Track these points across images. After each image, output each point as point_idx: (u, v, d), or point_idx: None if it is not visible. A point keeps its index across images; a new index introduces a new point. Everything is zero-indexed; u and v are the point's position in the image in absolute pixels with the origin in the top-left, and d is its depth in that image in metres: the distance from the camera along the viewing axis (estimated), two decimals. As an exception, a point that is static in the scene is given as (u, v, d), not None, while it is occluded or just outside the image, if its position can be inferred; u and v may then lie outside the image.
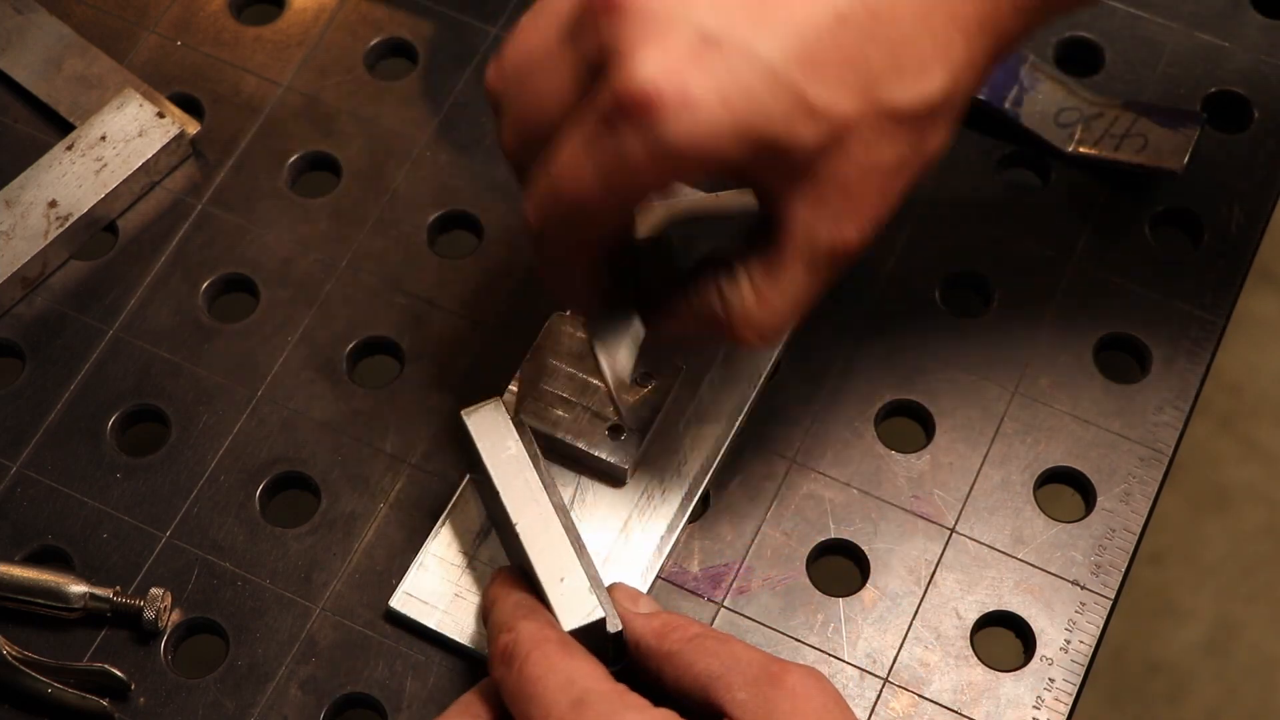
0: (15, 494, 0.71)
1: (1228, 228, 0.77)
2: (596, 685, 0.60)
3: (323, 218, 0.77)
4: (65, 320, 0.75)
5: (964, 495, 0.71)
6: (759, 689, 0.60)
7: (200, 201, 0.78)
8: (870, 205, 0.61)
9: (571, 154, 0.58)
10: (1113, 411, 0.73)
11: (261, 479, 0.72)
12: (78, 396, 0.73)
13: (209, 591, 0.70)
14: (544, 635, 0.61)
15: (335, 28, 0.82)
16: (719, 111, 0.56)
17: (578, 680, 0.60)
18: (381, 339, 0.75)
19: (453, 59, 0.81)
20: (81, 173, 0.76)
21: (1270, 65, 0.80)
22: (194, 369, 0.74)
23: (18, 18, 0.81)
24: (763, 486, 0.71)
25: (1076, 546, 0.70)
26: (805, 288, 0.62)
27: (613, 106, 0.57)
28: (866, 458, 0.72)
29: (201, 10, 0.82)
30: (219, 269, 0.76)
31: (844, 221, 0.61)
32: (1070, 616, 0.69)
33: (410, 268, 0.76)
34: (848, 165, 0.59)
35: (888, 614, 0.69)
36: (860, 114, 0.58)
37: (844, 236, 0.61)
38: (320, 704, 0.68)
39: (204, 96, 0.80)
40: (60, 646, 0.68)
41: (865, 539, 0.71)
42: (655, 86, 0.56)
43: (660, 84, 0.56)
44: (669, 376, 0.71)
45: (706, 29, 0.56)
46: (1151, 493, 0.71)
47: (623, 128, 0.57)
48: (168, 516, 0.71)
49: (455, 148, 0.79)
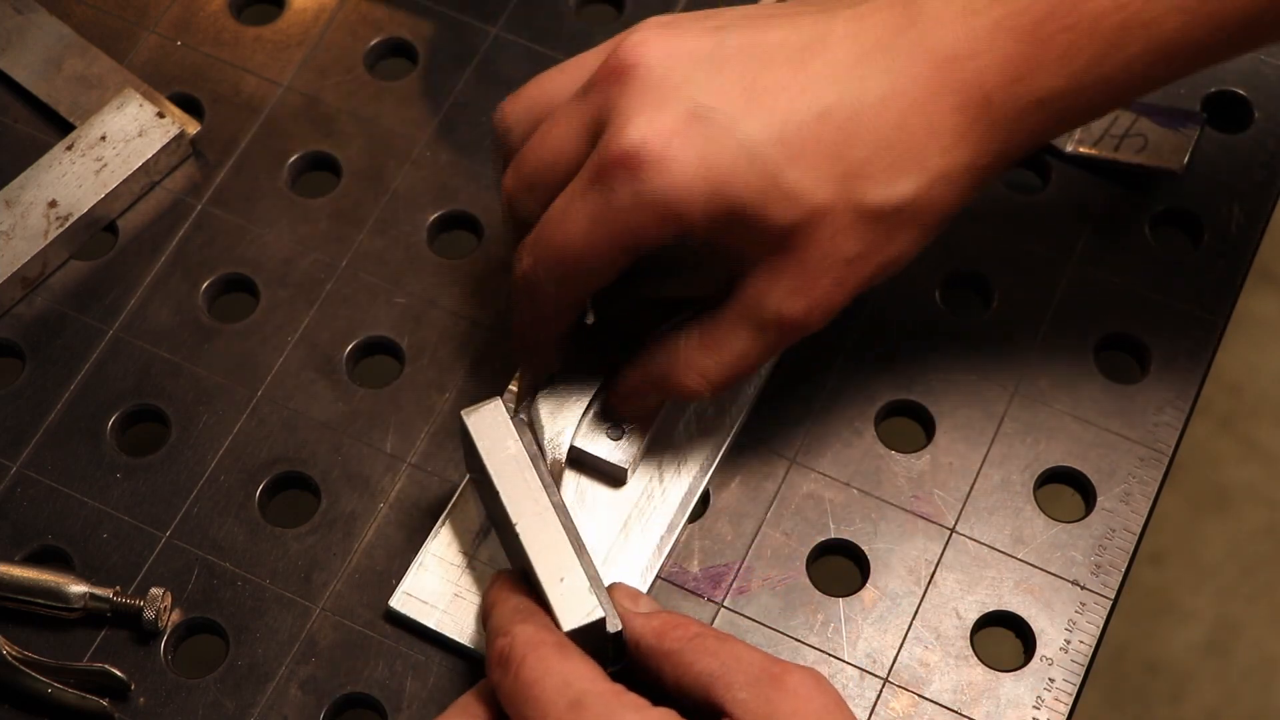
0: (15, 494, 0.72)
1: (1228, 228, 0.77)
2: (593, 686, 0.60)
3: (323, 218, 0.77)
4: (65, 320, 0.75)
5: (964, 495, 0.71)
6: (760, 689, 0.60)
7: (200, 201, 0.78)
8: (823, 289, 0.65)
9: (565, 202, 0.64)
10: (1113, 411, 0.73)
11: (261, 479, 0.72)
12: (78, 396, 0.74)
13: (209, 591, 0.70)
14: (540, 638, 0.61)
15: (335, 28, 0.82)
16: (697, 175, 0.62)
17: (574, 682, 0.60)
18: (381, 339, 0.75)
19: (453, 59, 0.81)
20: (81, 173, 0.76)
21: (1270, 65, 0.80)
22: (194, 369, 0.74)
23: (18, 18, 0.81)
24: (763, 486, 0.71)
25: (1076, 546, 0.70)
26: (747, 348, 0.66)
27: (604, 161, 0.63)
28: (866, 458, 0.72)
29: (201, 10, 0.82)
30: (219, 269, 0.76)
31: (795, 297, 0.65)
32: (1070, 616, 0.69)
33: (410, 268, 0.76)
34: (810, 248, 0.64)
35: (888, 614, 0.69)
36: (830, 203, 0.63)
37: (791, 310, 0.65)
38: (320, 704, 0.68)
39: (204, 96, 0.80)
40: (60, 646, 0.68)
41: (865, 539, 0.71)
42: (644, 144, 0.62)
43: (648, 143, 0.62)
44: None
45: (699, 104, 0.62)
46: (1151, 493, 0.71)
47: (610, 179, 0.63)
48: (168, 516, 0.71)
49: (455, 148, 0.79)
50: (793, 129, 0.63)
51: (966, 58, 0.63)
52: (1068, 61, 0.63)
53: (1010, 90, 0.63)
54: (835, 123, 0.63)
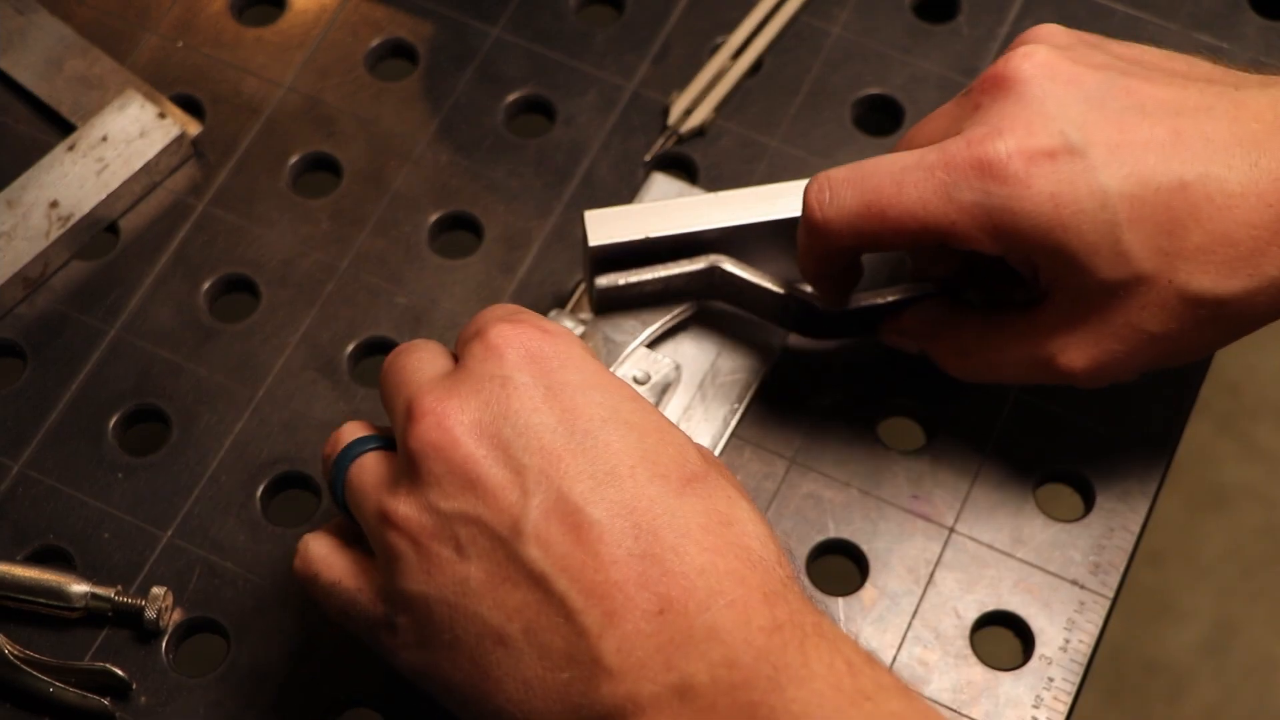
0: (17, 494, 0.72)
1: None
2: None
3: (323, 218, 0.78)
4: (67, 320, 0.75)
5: (963, 495, 0.71)
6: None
7: (201, 202, 0.78)
8: (1111, 354, 0.65)
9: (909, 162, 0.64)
10: (1113, 411, 0.73)
11: (262, 479, 0.72)
12: (79, 396, 0.74)
13: (210, 591, 0.70)
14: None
15: (336, 29, 0.82)
16: (1045, 207, 0.62)
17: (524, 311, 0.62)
18: (382, 339, 0.75)
19: (453, 59, 0.81)
20: (83, 173, 0.77)
21: (1270, 66, 0.80)
22: (195, 369, 0.74)
23: (19, 19, 0.81)
24: (762, 486, 0.72)
25: (1076, 546, 0.70)
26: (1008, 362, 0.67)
27: (965, 156, 0.63)
28: (866, 458, 0.72)
29: (202, 11, 0.82)
30: (220, 269, 0.77)
31: (1079, 350, 0.65)
32: (1069, 616, 0.69)
33: (410, 268, 0.76)
34: (1117, 311, 0.64)
35: (887, 613, 0.69)
36: (1155, 275, 0.63)
37: (1068, 361, 0.66)
38: (320, 703, 0.68)
39: (205, 97, 0.80)
40: (62, 646, 0.69)
41: (865, 538, 0.71)
42: (1009, 160, 0.63)
43: (1013, 160, 0.63)
44: (664, 377, 0.71)
45: (1068, 138, 0.62)
46: (1151, 492, 0.72)
47: (962, 175, 0.63)
48: (169, 516, 0.71)
49: (455, 148, 0.79)
50: (1149, 192, 0.62)
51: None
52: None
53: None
54: (1189, 199, 0.62)
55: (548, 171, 0.78)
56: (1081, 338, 0.65)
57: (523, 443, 0.57)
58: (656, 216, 0.70)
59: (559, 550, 0.56)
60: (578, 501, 0.56)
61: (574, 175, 0.78)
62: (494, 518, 0.57)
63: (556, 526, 0.56)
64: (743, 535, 0.57)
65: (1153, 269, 0.62)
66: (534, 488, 0.57)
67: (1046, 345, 0.66)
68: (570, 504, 0.56)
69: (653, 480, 0.57)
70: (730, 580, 0.55)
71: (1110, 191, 0.62)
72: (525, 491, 0.57)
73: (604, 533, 0.56)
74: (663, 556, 0.55)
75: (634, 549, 0.56)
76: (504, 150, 0.79)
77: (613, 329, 0.71)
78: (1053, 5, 0.82)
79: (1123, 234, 0.62)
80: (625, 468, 0.57)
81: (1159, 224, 0.62)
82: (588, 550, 0.56)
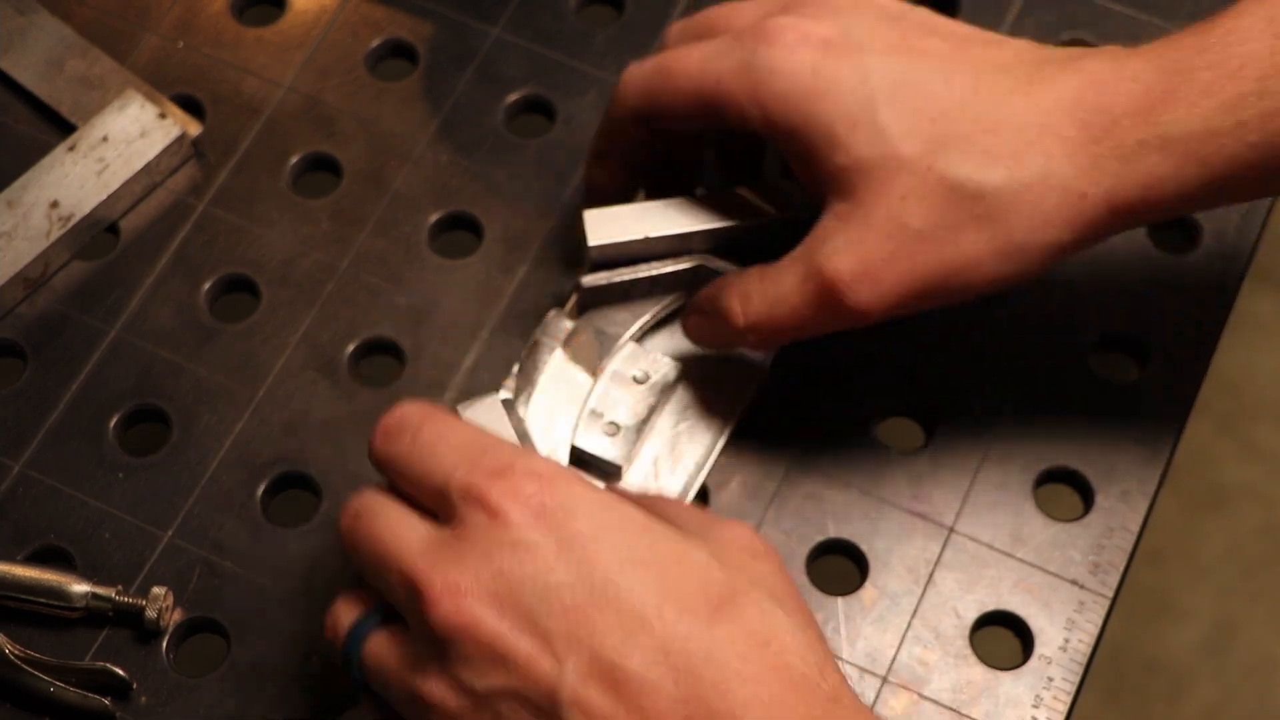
0: (17, 493, 0.72)
1: (1227, 228, 0.77)
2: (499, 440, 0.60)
3: (323, 218, 0.78)
4: (67, 320, 0.75)
5: (963, 495, 0.71)
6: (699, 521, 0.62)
7: (201, 202, 0.78)
8: (878, 253, 0.63)
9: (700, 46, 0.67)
10: (1112, 412, 0.73)
11: (263, 479, 0.72)
12: (79, 396, 0.74)
13: (210, 591, 0.70)
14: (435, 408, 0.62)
15: (336, 29, 0.82)
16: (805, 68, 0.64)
17: (481, 437, 0.60)
18: (382, 339, 0.75)
19: (453, 59, 0.81)
20: (83, 173, 0.77)
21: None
22: (195, 369, 0.74)
23: (19, 19, 0.81)
24: (762, 485, 0.72)
25: (1075, 546, 0.70)
26: (791, 291, 0.65)
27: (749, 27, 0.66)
28: (866, 458, 0.72)
29: (203, 11, 0.82)
30: (220, 269, 0.77)
31: (847, 250, 0.64)
32: (1069, 616, 0.69)
33: (411, 268, 0.76)
34: (878, 202, 0.63)
35: (887, 613, 0.69)
36: (912, 158, 0.62)
37: (839, 264, 0.64)
38: (321, 703, 0.68)
39: (205, 97, 0.80)
40: (62, 646, 0.69)
41: (864, 538, 0.71)
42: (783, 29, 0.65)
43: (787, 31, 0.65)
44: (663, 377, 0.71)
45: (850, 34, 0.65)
46: (1150, 492, 0.72)
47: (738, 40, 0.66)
48: (169, 516, 0.71)
49: (455, 148, 0.79)
50: (913, 78, 0.63)
51: (1105, 83, 0.62)
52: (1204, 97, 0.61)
53: (1138, 119, 0.61)
54: (954, 92, 0.63)
55: (548, 172, 0.78)
56: (846, 237, 0.64)
57: (545, 608, 0.56)
58: (656, 217, 0.70)
59: (602, 712, 0.55)
60: (612, 658, 0.55)
61: (574, 175, 0.78)
62: (531, 689, 0.56)
63: (595, 688, 0.55)
64: (783, 653, 0.56)
65: (911, 151, 0.62)
66: (565, 652, 0.55)
67: (815, 256, 0.64)
68: (605, 662, 0.55)
69: (681, 617, 0.56)
70: (778, 709, 0.55)
71: (873, 71, 0.63)
72: (558, 658, 0.55)
73: (643, 684, 0.55)
74: (706, 697, 0.55)
75: (675, 695, 0.55)
76: (504, 150, 0.79)
77: (604, 322, 0.71)
78: (1052, 5, 0.81)
79: (880, 109, 0.63)
80: (652, 610, 0.56)
81: (918, 108, 0.63)
82: (631, 706, 0.55)
